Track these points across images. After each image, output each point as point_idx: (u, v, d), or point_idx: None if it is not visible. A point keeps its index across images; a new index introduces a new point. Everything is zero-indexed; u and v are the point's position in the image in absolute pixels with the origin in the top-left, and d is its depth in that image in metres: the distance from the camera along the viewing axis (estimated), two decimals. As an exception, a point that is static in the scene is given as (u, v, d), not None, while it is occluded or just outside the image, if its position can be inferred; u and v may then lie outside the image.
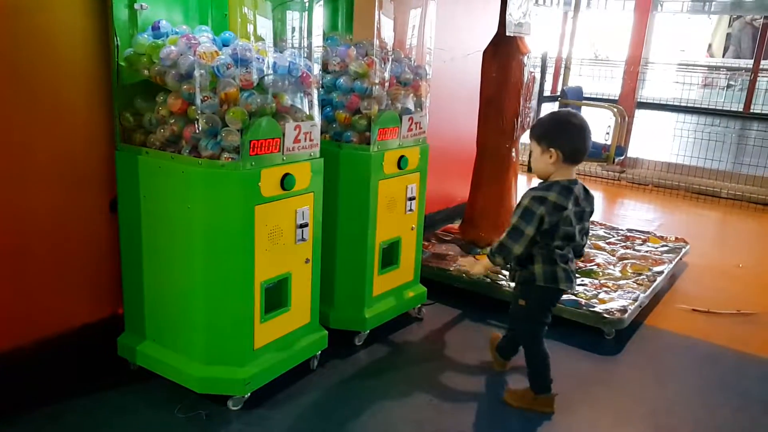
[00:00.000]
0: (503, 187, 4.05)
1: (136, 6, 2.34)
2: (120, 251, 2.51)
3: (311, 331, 2.61)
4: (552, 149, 2.31)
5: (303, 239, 2.42)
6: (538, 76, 4.29)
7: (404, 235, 3.06)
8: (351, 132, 2.82)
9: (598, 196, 6.50)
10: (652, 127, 10.63)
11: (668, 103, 14.55)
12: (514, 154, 4.04)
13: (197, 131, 2.18)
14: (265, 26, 2.42)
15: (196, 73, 2.14)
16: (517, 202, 2.42)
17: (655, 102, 14.33)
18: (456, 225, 4.33)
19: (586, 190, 2.39)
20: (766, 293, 3.92)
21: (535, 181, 2.53)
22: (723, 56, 22.62)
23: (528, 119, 4.09)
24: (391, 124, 2.84)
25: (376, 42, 2.75)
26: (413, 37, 3.10)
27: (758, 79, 15.16)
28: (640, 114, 9.18)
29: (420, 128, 3.05)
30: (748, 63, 17.29)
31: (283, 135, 2.26)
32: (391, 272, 3.03)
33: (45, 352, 2.42)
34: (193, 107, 2.18)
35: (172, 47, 2.22)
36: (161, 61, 2.23)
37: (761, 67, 15.67)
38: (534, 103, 4.19)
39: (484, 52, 3.95)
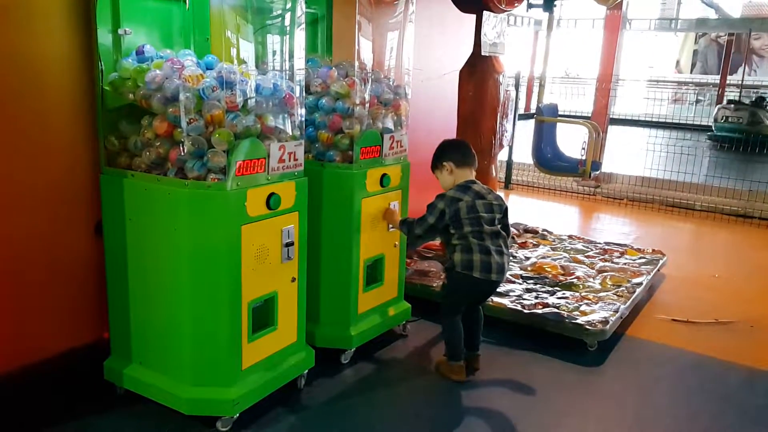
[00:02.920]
0: (483, 203, 4.12)
1: (119, 31, 2.37)
2: (105, 274, 2.51)
3: (298, 350, 2.62)
4: (444, 164, 2.86)
5: (289, 258, 2.45)
6: (513, 94, 4.39)
7: (387, 253, 3.10)
8: (334, 151, 2.86)
9: (574, 211, 6.67)
10: (625, 143, 10.90)
11: (639, 118, 14.93)
12: (492, 170, 4.12)
13: (183, 153, 2.20)
14: (247, 49, 2.46)
15: (182, 96, 2.17)
16: None
17: (627, 118, 14.68)
18: (438, 242, 4.38)
19: (489, 189, 2.84)
20: (743, 302, 4.02)
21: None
22: (691, 72, 23.29)
23: (505, 137, 4.19)
24: (372, 143, 2.89)
25: (356, 63, 2.81)
26: (392, 58, 3.17)
27: (725, 93, 15.65)
28: (613, 130, 9.39)
29: (401, 146, 3.11)
30: (715, 78, 17.87)
31: (268, 155, 2.29)
32: (375, 289, 3.06)
33: (31, 377, 2.39)
34: (179, 129, 2.20)
35: (157, 71, 2.25)
36: (146, 84, 2.26)
37: (727, 82, 16.20)
38: (511, 120, 4.29)
39: (460, 72, 4.04)
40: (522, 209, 6.46)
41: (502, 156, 7.26)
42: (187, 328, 2.30)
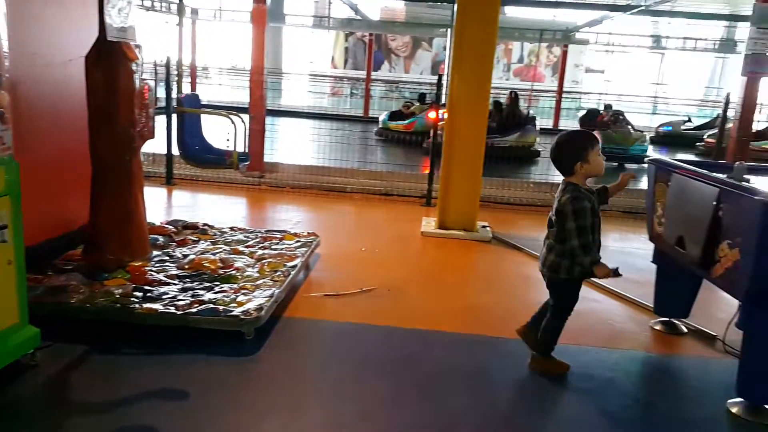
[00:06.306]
0: (128, 202, 3.77)
1: None
2: None
3: None
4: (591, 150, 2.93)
5: None
6: (152, 84, 4.11)
7: (-2, 272, 2.58)
8: None
9: (241, 203, 6.68)
10: (291, 133, 11.45)
11: (304, 110, 15.92)
12: (135, 165, 3.80)
13: None
14: None
15: None
16: None
17: (294, 110, 15.50)
18: (79, 251, 3.88)
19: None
20: (382, 270, 4.52)
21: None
22: (344, 67, 25.73)
23: (146, 129, 3.89)
24: (-45, 141, 2.34)
25: None
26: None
27: (372, 87, 17.72)
28: (281, 121, 9.78)
29: (2, 143, 2.60)
30: (363, 74, 20.10)
31: None
32: (-16, 319, 2.52)
33: None
34: None
35: None
36: None
37: (373, 77, 18.34)
38: (153, 112, 4.00)
39: (87, 58, 3.60)
40: (186, 205, 6.22)
41: (158, 149, 6.85)
42: None
